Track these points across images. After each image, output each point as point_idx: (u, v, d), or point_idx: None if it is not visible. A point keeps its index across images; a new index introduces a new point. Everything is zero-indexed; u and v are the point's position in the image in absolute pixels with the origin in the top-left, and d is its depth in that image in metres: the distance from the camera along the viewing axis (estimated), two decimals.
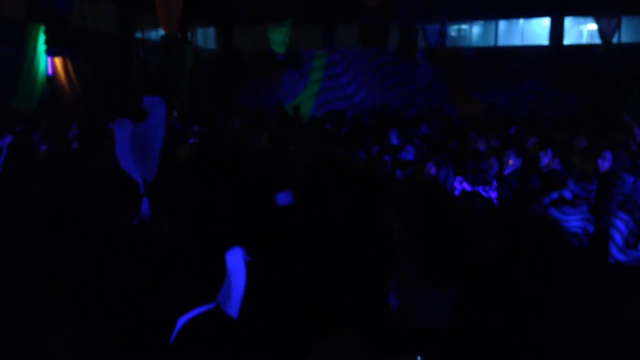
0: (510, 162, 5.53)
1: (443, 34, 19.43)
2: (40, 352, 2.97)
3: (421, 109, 17.32)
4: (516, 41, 20.46)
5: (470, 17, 20.80)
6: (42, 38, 13.56)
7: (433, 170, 4.89)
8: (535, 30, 20.39)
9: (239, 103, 18.72)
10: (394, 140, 9.74)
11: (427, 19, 18.26)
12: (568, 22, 19.63)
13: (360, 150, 7.44)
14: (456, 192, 4.80)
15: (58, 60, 14.29)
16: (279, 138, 8.47)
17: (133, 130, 3.95)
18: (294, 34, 18.62)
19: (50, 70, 14.11)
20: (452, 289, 2.83)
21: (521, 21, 20.84)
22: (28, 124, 10.57)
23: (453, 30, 21.65)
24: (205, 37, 21.37)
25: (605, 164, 5.76)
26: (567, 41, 19.47)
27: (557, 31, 19.32)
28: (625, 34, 18.21)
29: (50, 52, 13.47)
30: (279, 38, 18.65)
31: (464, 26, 21.82)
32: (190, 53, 18.97)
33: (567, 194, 4.51)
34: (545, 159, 5.89)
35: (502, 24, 20.94)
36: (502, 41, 20.68)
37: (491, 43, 20.76)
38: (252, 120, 13.07)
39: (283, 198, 3.64)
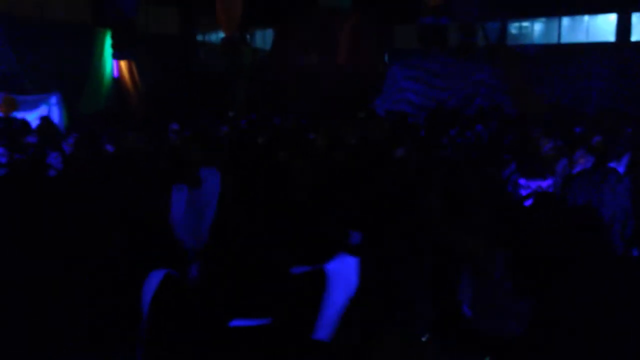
0: (581, 160, 5.36)
1: (504, 31, 19.07)
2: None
3: (481, 107, 17.05)
4: (581, 38, 19.84)
5: (532, 14, 20.31)
6: (108, 42, 14.01)
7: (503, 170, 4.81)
8: (601, 27, 19.72)
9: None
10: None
11: (488, 16, 17.95)
12: (635, 17, 18.90)
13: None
14: (522, 192, 4.70)
15: (123, 63, 14.74)
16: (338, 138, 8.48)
17: (188, 195, 4.09)
18: None
19: (115, 73, 14.57)
20: (530, 298, 2.77)
21: (586, 17, 20.20)
22: (97, 125, 10.94)
23: (514, 27, 21.18)
24: (264, 39, 21.59)
25: None
26: (635, 37, 18.76)
27: (624, 27, 18.64)
28: None
29: (117, 55, 13.93)
30: None
31: (526, 23, 21.31)
32: (249, 54, 19.22)
33: None
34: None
35: (566, 21, 20.35)
36: (566, 38, 20.09)
37: (554, 40, 20.20)
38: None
39: (355, 238, 3.62)
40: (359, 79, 17.71)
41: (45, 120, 10.49)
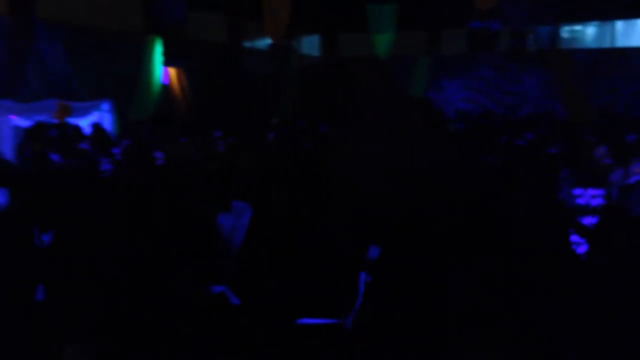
0: (637, 170, 5.20)
1: (555, 35, 18.64)
2: None
3: (530, 114, 16.74)
4: (635, 42, 19.21)
5: (585, 18, 19.77)
6: (158, 49, 14.29)
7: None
8: None
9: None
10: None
11: (539, 20, 17.58)
12: None
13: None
14: (578, 201, 4.59)
15: (172, 70, 14.99)
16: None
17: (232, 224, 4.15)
18: (398, 39, 18.51)
19: (164, 80, 14.83)
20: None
21: None
22: (146, 132, 11.17)
23: (566, 31, 20.66)
24: (310, 44, 21.66)
25: None
26: None
27: None
28: None
29: (167, 63, 14.19)
30: (383, 43, 18.64)
31: (578, 27, 20.76)
32: (295, 60, 19.31)
33: None
34: None
35: (620, 25, 19.73)
36: (620, 42, 19.48)
37: (607, 44, 19.61)
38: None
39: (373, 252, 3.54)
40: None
41: (96, 127, 10.76)
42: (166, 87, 14.96)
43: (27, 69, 11.77)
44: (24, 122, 10.21)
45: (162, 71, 14.65)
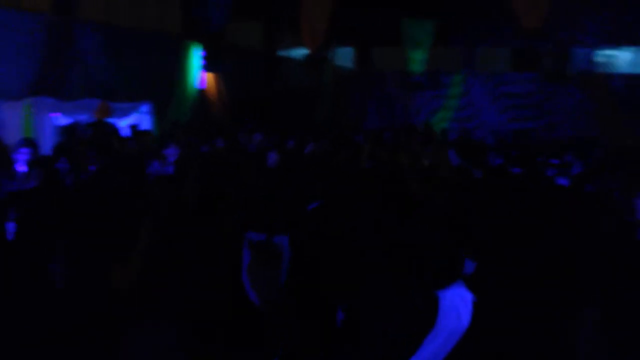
0: None
1: (591, 59, 18.43)
2: None
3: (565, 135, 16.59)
4: None
5: (621, 42, 19.48)
6: (196, 53, 14.31)
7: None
8: None
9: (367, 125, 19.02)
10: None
11: (576, 42, 17.45)
12: None
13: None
14: None
15: (209, 75, 14.99)
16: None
17: None
18: (434, 54, 18.40)
19: (201, 84, 14.83)
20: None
21: None
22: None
23: (602, 55, 20.37)
24: (344, 57, 21.58)
25: None
26: None
27: None
28: None
29: (206, 68, 14.21)
30: (418, 58, 18.54)
31: (613, 52, 20.43)
32: (329, 72, 19.26)
33: None
34: None
35: None
36: None
37: None
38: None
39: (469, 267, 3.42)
40: None
41: (134, 129, 10.72)
42: (203, 92, 14.97)
43: (67, 67, 11.78)
44: (65, 120, 10.20)
45: (199, 75, 14.65)
